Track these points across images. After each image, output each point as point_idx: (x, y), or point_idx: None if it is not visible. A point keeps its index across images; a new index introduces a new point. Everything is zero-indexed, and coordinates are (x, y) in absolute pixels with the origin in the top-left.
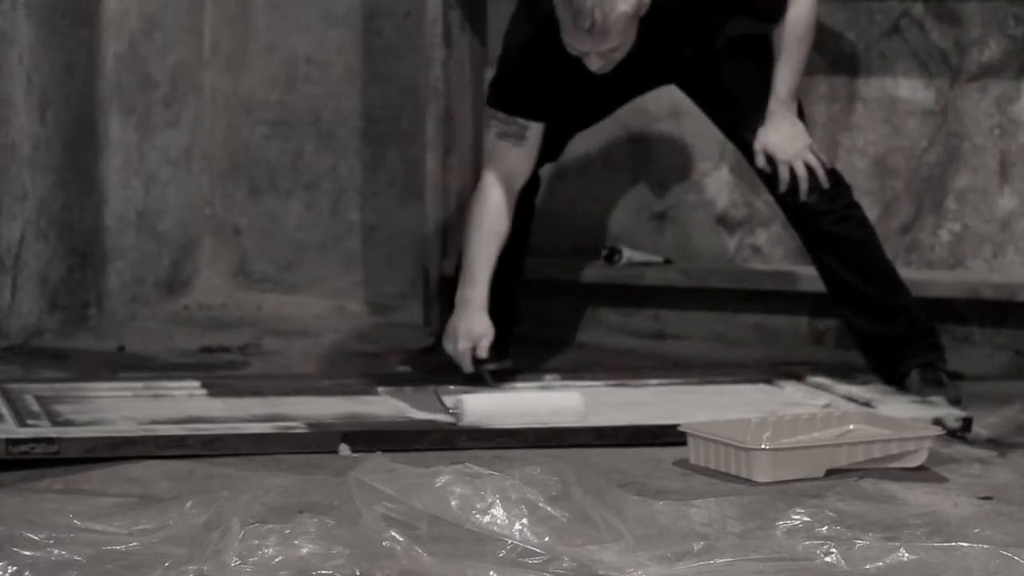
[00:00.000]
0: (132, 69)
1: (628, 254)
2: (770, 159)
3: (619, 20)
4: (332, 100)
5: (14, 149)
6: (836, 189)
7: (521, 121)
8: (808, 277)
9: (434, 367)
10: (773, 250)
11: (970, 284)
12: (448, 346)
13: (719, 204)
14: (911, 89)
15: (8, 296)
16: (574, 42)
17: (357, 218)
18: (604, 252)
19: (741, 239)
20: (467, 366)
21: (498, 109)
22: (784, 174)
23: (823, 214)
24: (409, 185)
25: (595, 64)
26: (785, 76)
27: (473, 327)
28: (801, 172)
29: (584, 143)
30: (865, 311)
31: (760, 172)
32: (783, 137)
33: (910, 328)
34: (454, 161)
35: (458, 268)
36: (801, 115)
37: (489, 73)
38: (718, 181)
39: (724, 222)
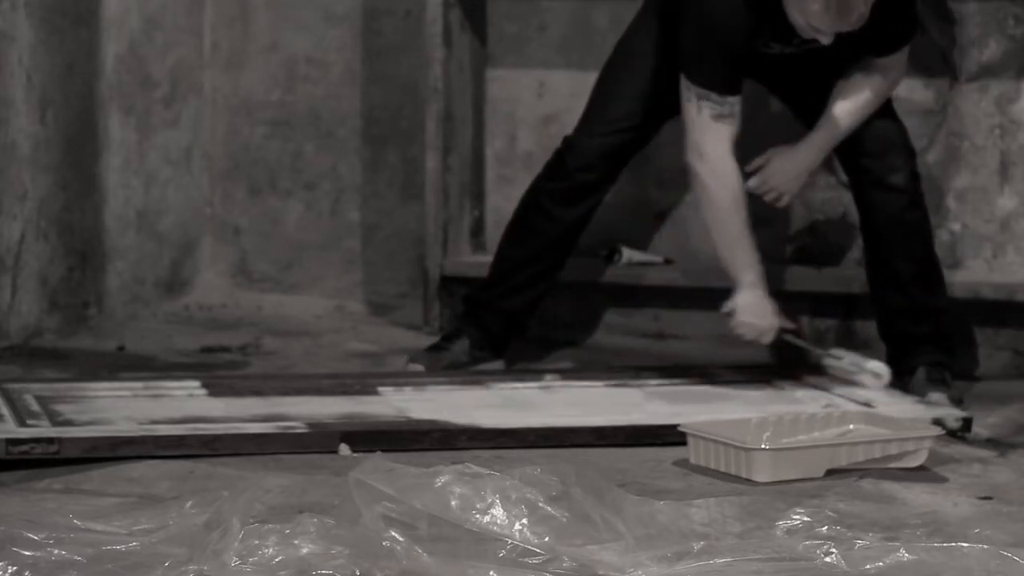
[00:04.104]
0: (132, 69)
1: (628, 254)
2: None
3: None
4: (332, 100)
5: (14, 149)
6: (915, 170)
7: (731, 99)
8: (808, 277)
9: (447, 365)
10: (773, 250)
11: (970, 284)
12: (757, 323)
13: None
14: (911, 89)
15: (8, 296)
16: (821, 23)
17: (357, 218)
18: (604, 252)
19: None
20: (771, 338)
21: (711, 90)
22: (757, 189)
23: (902, 192)
24: (409, 185)
25: (827, 40)
26: (844, 119)
27: (773, 308)
28: (766, 198)
29: None
30: (902, 312)
31: (840, 155)
32: (787, 172)
33: (935, 330)
34: (454, 161)
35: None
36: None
37: (489, 73)
38: None
39: None
